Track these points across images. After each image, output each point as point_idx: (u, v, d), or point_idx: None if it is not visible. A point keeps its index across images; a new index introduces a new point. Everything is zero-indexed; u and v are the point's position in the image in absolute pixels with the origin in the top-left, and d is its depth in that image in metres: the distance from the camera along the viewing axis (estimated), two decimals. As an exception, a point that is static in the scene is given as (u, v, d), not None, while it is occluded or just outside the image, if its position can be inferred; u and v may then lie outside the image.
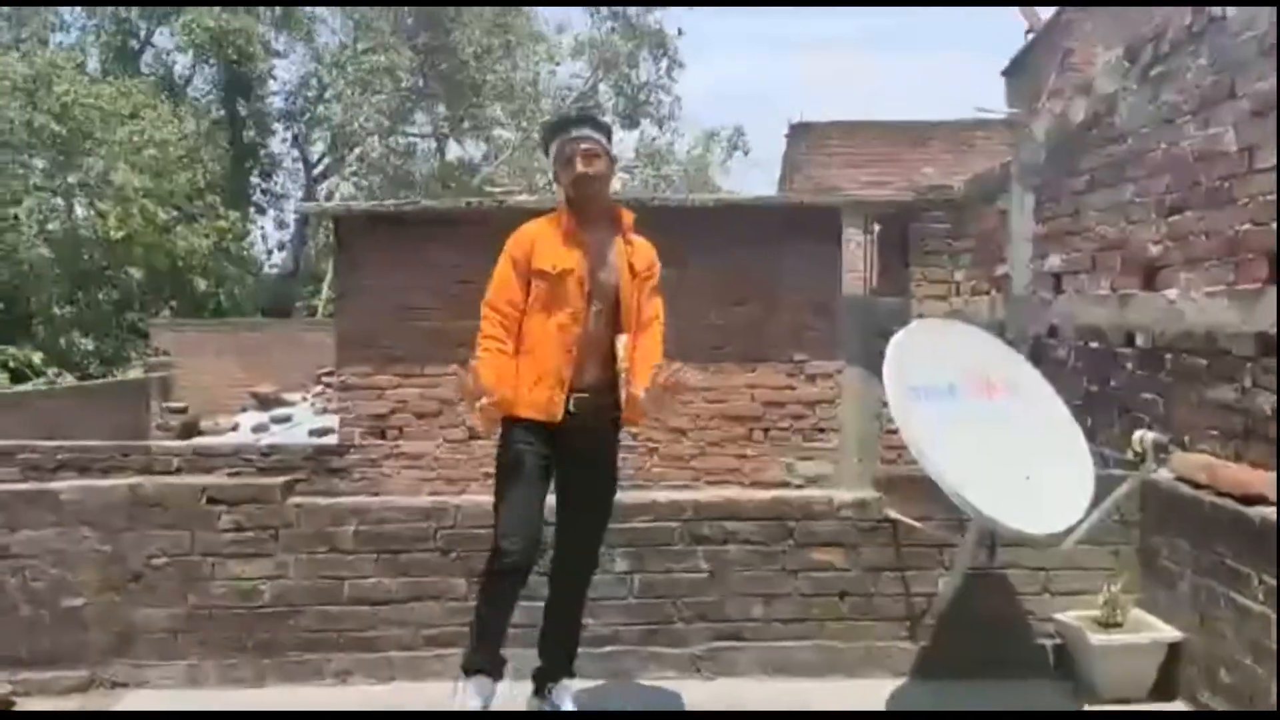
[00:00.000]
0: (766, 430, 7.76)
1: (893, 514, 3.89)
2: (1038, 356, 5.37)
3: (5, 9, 21.87)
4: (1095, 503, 3.53)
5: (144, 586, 3.90)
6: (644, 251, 3.30)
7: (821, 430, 7.70)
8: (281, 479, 4.14)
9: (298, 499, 4.01)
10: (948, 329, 4.19)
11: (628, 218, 3.29)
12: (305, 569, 3.90)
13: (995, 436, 3.48)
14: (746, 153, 29.69)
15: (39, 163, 20.24)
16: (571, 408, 3.12)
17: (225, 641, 3.89)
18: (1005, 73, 15.39)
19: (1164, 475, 3.76)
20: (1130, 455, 3.62)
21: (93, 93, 19.77)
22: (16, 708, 3.77)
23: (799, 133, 13.30)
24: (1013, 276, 5.75)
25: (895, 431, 4.17)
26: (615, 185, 3.62)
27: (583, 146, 3.16)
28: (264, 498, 3.94)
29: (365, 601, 3.91)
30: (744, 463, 7.60)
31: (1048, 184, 5.40)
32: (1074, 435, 3.67)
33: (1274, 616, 3.03)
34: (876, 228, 7.82)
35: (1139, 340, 4.28)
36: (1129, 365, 4.38)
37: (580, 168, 3.15)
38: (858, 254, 8.64)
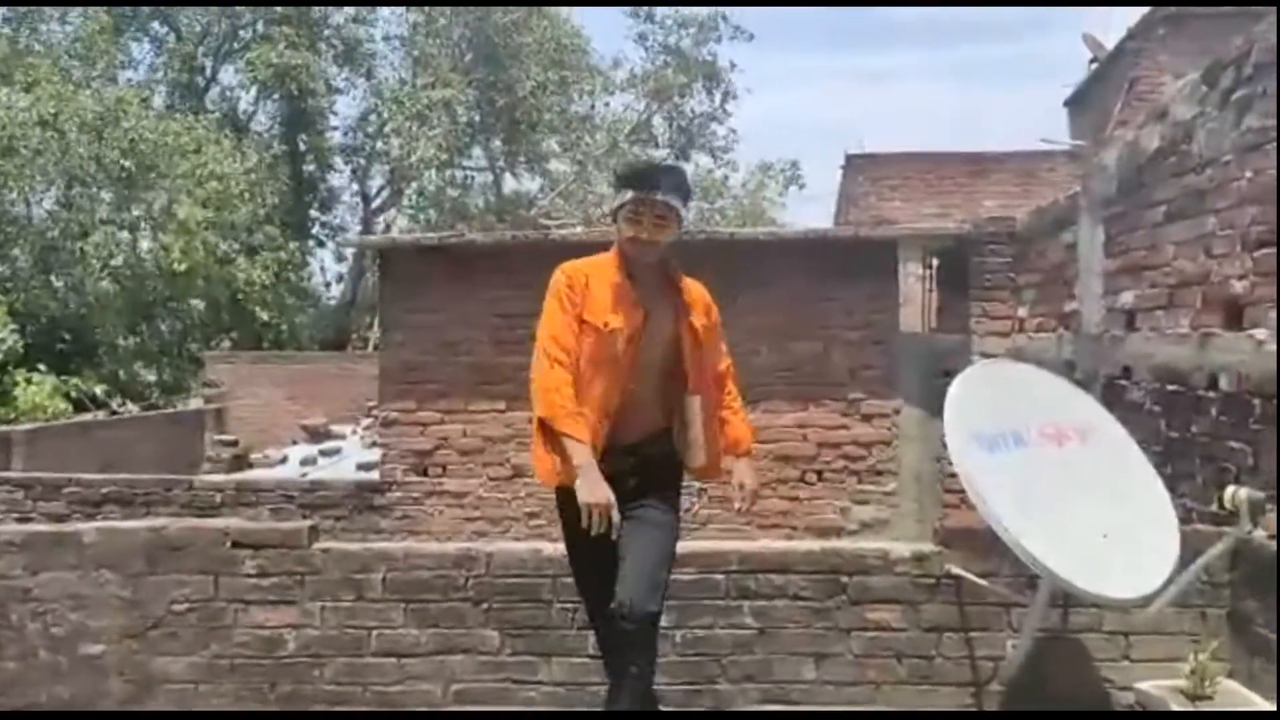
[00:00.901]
0: (820, 472, 7.47)
1: (955, 570, 3.61)
2: (1111, 399, 5.05)
3: (77, 48, 22.48)
4: (1181, 562, 3.22)
5: (165, 634, 3.75)
6: (701, 303, 3.03)
7: (879, 473, 7.39)
8: (307, 523, 3.98)
9: (325, 544, 3.85)
10: (1012, 370, 3.91)
11: (688, 285, 3.04)
12: (332, 618, 3.73)
13: (1067, 488, 3.20)
14: (802, 186, 29.40)
15: (106, 196, 20.69)
16: (614, 468, 2.78)
17: (247, 693, 3.72)
18: (1068, 103, 15.00)
19: (1257, 533, 3.43)
20: (1219, 509, 3.31)
21: (158, 128, 20.20)
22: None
23: (856, 165, 13.07)
24: (1083, 313, 5.44)
25: (956, 475, 3.90)
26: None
27: (657, 213, 2.87)
28: (290, 542, 3.78)
29: (393, 653, 3.72)
30: (796, 506, 7.32)
31: (1120, 216, 5.10)
32: (1154, 487, 3.37)
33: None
34: (935, 262, 7.54)
35: (1223, 383, 3.96)
36: (1213, 410, 4.05)
37: (647, 234, 2.87)
38: (916, 288, 8.36)
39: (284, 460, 11.26)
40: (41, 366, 16.32)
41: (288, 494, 7.26)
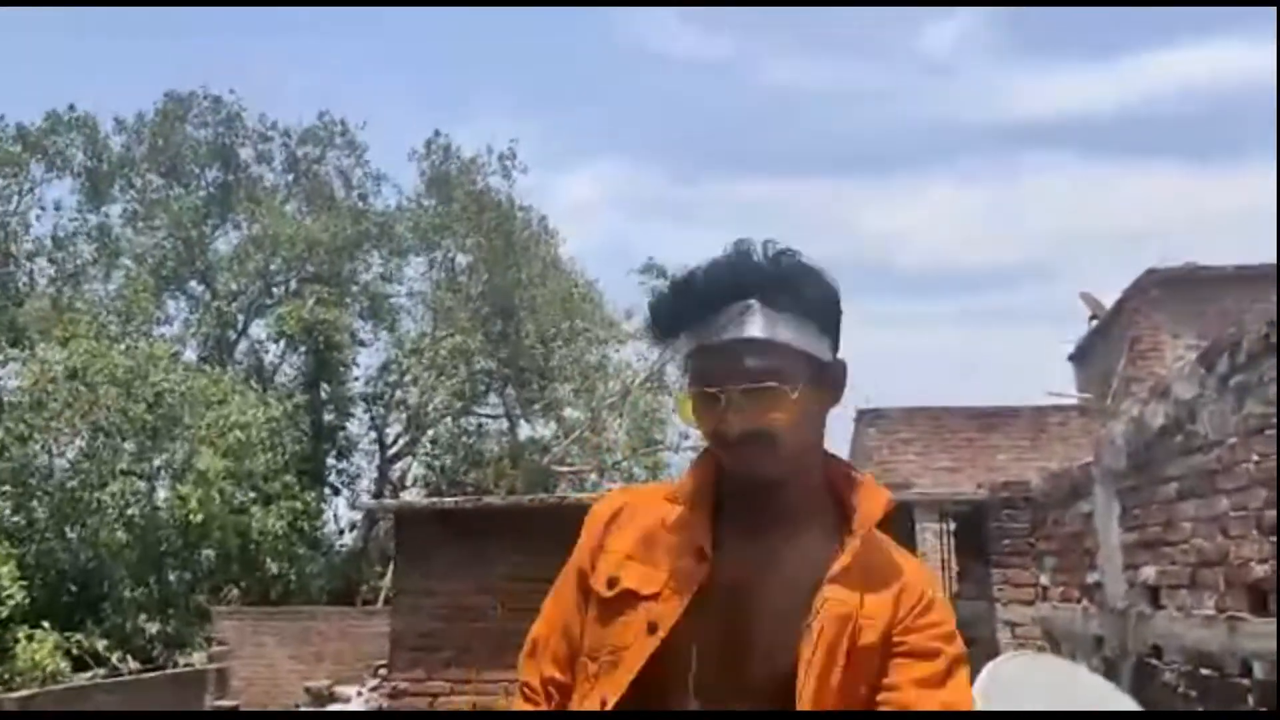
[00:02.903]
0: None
1: None
2: (1142, 679, 4.90)
3: (117, 305, 23.57)
4: None
5: None
6: (906, 597, 1.35)
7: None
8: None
9: (401, 711, 3.66)
10: (1041, 666, 3.82)
11: (873, 504, 1.37)
12: None
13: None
14: (818, 441, 29.71)
15: (129, 447, 21.07)
16: None
17: None
18: (1072, 358, 15.41)
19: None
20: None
21: (186, 381, 20.85)
22: None
23: (866, 419, 13.28)
24: (1105, 586, 5.37)
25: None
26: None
27: (744, 371, 1.29)
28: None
29: None
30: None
31: (1133, 490, 5.14)
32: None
33: None
34: (952, 525, 7.52)
35: (1258, 671, 3.86)
36: (1248, 698, 3.92)
37: (734, 425, 1.30)
38: (934, 544, 8.30)
39: (285, 728, 10.84)
40: (45, 623, 16.06)
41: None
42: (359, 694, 12.47)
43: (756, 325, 1.29)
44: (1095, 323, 14.30)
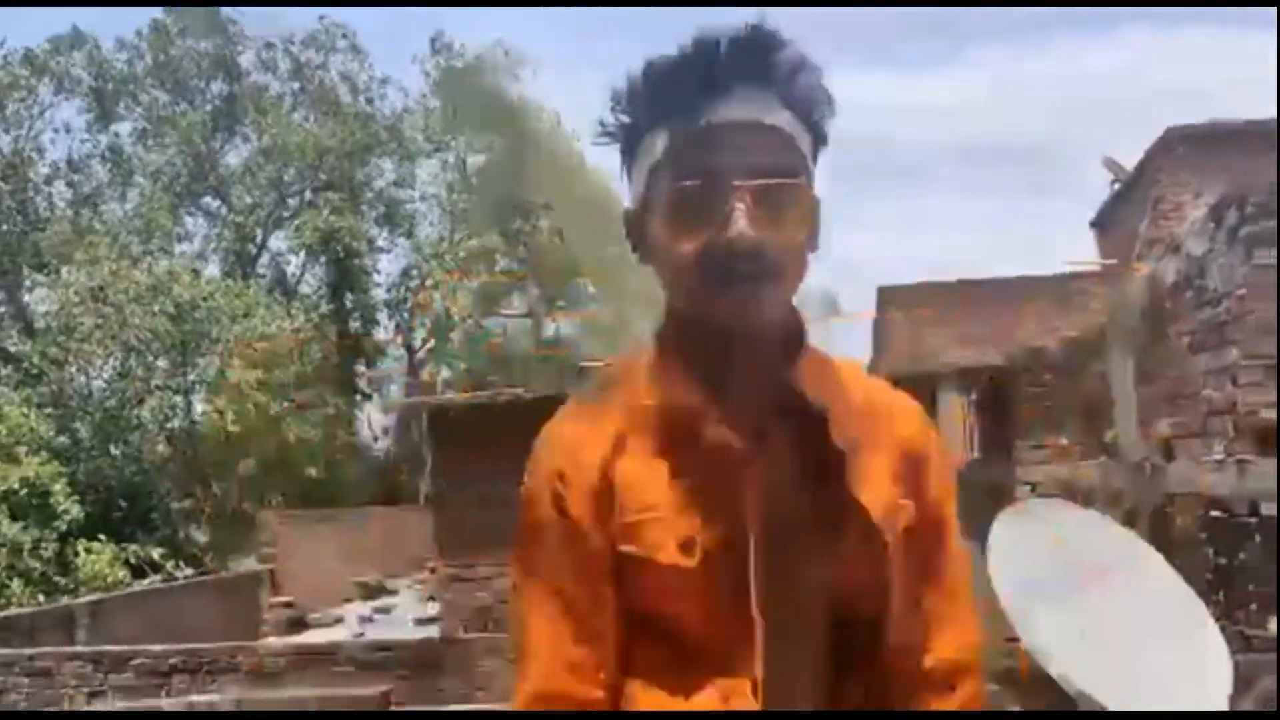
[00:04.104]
0: (875, 607, 7.46)
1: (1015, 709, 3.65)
2: (1158, 528, 5.11)
3: (136, 224, 23.74)
4: (1238, 689, 3.26)
5: (246, 808, 3.87)
6: (912, 435, 1.15)
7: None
8: (378, 689, 4.12)
9: (398, 709, 3.98)
10: (1051, 510, 4.03)
11: (856, 388, 1.15)
12: (405, 786, 3.83)
13: (1117, 628, 3.28)
14: (838, 313, 29.83)
15: (161, 363, 21.51)
16: None
17: None
18: (1094, 224, 15.32)
19: (1312, 661, 3.47)
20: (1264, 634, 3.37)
21: (209, 295, 21.14)
22: None
23: (888, 296, 13.37)
24: (1122, 442, 5.55)
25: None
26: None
27: (748, 183, 0.99)
28: (366, 708, 3.92)
29: (465, 820, 3.80)
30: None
31: (1147, 347, 5.27)
32: (1204, 620, 3.44)
33: None
34: (974, 394, 7.69)
35: (1264, 509, 4.05)
36: (1257, 536, 4.12)
37: (741, 233, 0.98)
38: (956, 417, 8.49)
39: (340, 620, 11.37)
40: (101, 536, 16.73)
41: (350, 656, 7.36)
42: (408, 587, 13.01)
43: (771, 112, 1.00)
44: (1117, 186, 14.19)
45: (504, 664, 7.41)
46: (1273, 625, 3.33)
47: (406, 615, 10.74)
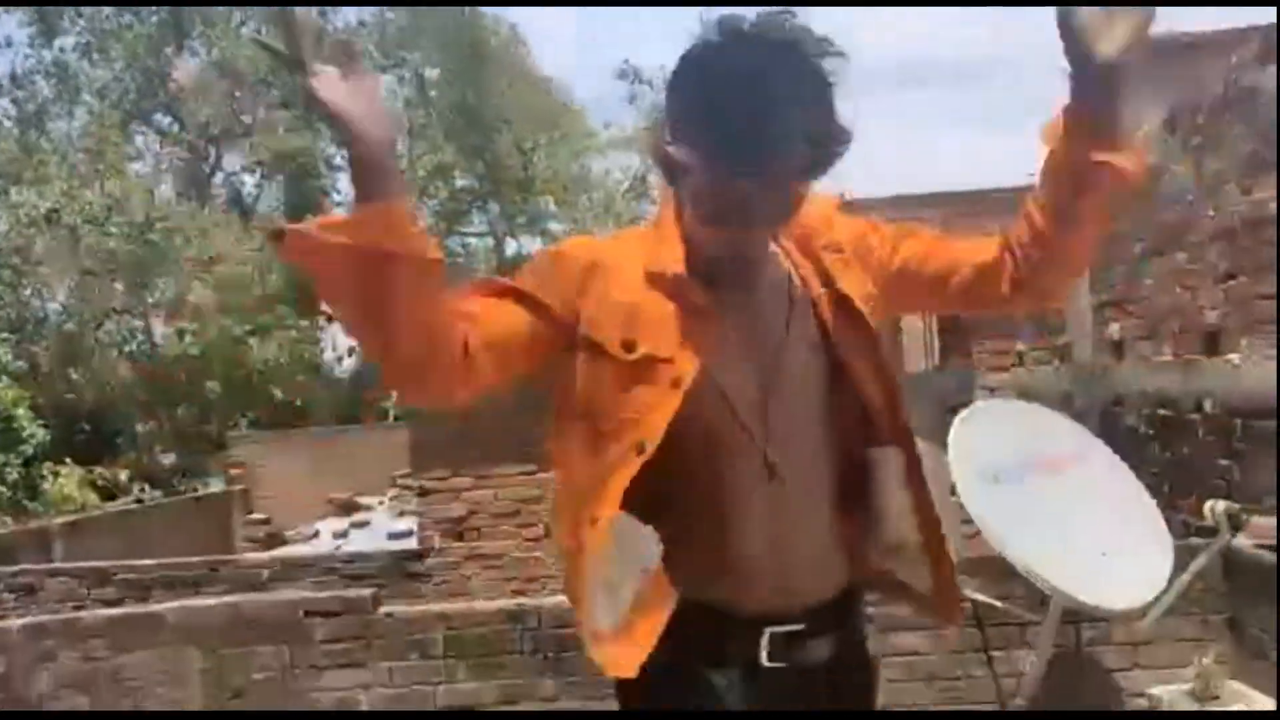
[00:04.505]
0: (839, 510, 7.76)
1: (974, 595, 3.90)
2: (1107, 426, 5.37)
3: (85, 142, 23.14)
4: (1177, 574, 3.52)
5: (247, 702, 4.05)
6: (838, 241, 1.47)
7: (894, 507, 7.68)
8: (370, 590, 4.30)
9: (387, 608, 4.16)
10: (1008, 408, 4.25)
11: (816, 217, 1.46)
12: (400, 676, 4.03)
13: (1067, 513, 3.51)
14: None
15: (119, 286, 21.23)
16: (767, 658, 1.34)
17: (326, 753, 4.01)
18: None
19: (1245, 542, 3.74)
20: (1206, 524, 3.63)
21: (164, 214, 20.80)
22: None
23: (848, 210, 13.49)
24: (1075, 347, 5.78)
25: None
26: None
27: (771, 197, 1.29)
28: (356, 608, 4.10)
29: (458, 706, 4.01)
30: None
31: (1101, 254, 5.46)
32: (1148, 506, 3.68)
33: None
34: (934, 302, 7.90)
35: (1207, 406, 4.29)
36: (1200, 432, 4.38)
37: (754, 215, 1.30)
38: (917, 326, 8.72)
39: (316, 535, 11.55)
40: (68, 459, 16.70)
41: (329, 567, 7.54)
42: (381, 503, 13.19)
43: (783, 160, 1.23)
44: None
45: (482, 570, 7.65)
46: (1209, 507, 3.58)
47: (381, 529, 10.94)
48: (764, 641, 1.33)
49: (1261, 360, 3.80)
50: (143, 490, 17.69)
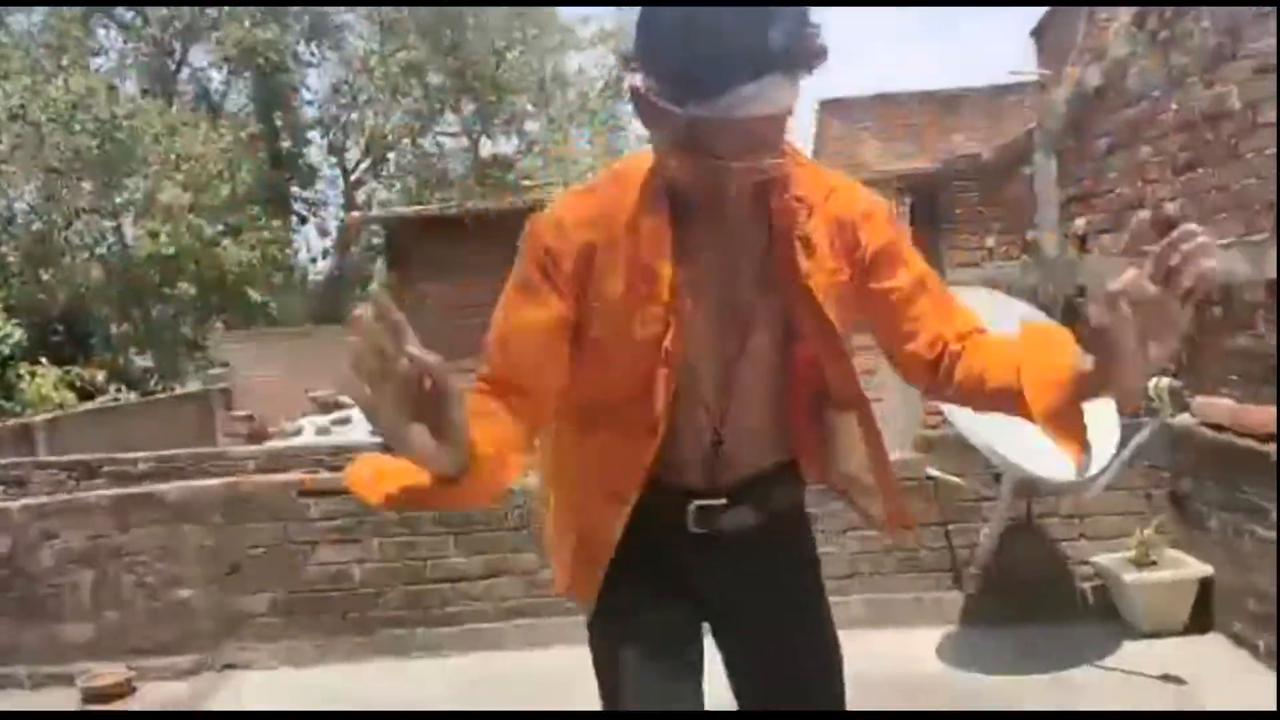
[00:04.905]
0: (813, 404, 8.01)
1: (933, 472, 4.13)
2: (1070, 316, 5.57)
3: (47, 37, 22.49)
4: (1123, 449, 3.75)
5: (245, 576, 4.26)
6: (851, 218, 1.48)
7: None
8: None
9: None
10: (971, 296, 4.40)
11: (812, 188, 1.46)
12: (391, 551, 4.24)
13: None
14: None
15: (87, 185, 20.91)
16: (694, 523, 1.54)
17: (321, 623, 4.24)
18: (1033, 34, 15.36)
19: (1189, 420, 3.97)
20: (1151, 402, 3.84)
21: (130, 112, 20.39)
22: (135, 692, 4.15)
23: (829, 109, 13.46)
24: (1042, 240, 5.94)
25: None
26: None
27: (748, 136, 1.26)
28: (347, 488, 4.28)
29: (447, 580, 4.23)
30: (791, 436, 7.85)
31: (1070, 149, 5.58)
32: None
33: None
34: (908, 200, 8.00)
35: (1162, 294, 4.47)
36: (1154, 319, 4.57)
37: (729, 191, 1.34)
38: (891, 226, 8.84)
39: (299, 432, 11.70)
40: (43, 359, 16.71)
41: (317, 458, 7.71)
42: (360, 400, 13.33)
43: (775, 99, 1.21)
44: (1055, -3, 14.17)
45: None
46: (1153, 385, 3.80)
47: (363, 426, 11.12)
48: (690, 510, 1.53)
49: (1216, 249, 3.97)
50: (119, 391, 17.76)
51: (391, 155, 27.19)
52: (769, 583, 1.60)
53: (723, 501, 1.54)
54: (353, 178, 28.14)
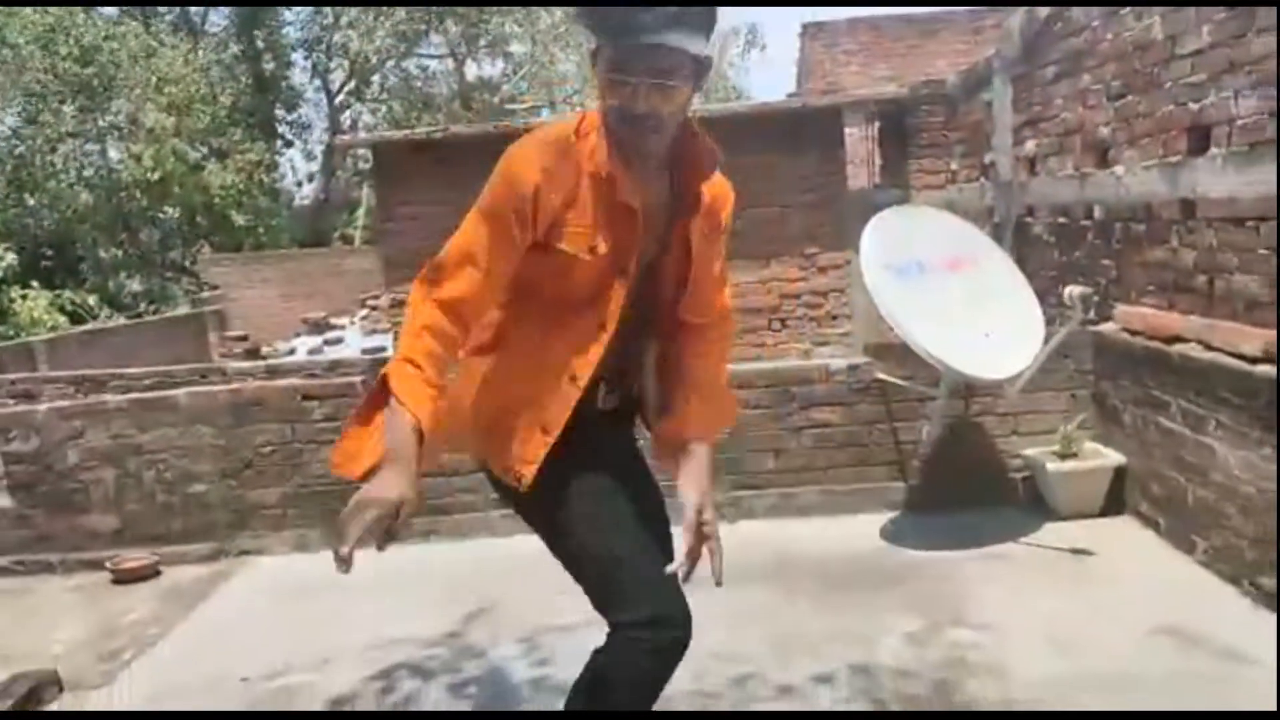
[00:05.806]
0: (784, 320, 8.41)
1: (881, 375, 4.55)
2: (1020, 235, 5.95)
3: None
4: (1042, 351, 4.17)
5: (256, 472, 4.67)
6: (720, 204, 2.00)
7: (835, 317, 8.35)
8: (359, 378, 4.87)
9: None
10: (918, 214, 4.79)
11: (709, 157, 1.91)
12: (388, 450, 4.64)
13: (959, 303, 4.11)
14: (763, 48, 29.64)
15: (68, 109, 20.87)
16: (603, 401, 1.97)
17: (326, 513, 4.66)
18: (1011, -43, 15.45)
19: (1112, 327, 4.39)
20: (1066, 308, 4.25)
21: (111, 33, 20.28)
22: (161, 575, 4.58)
23: (812, 32, 13.62)
24: (998, 164, 6.28)
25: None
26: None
27: (656, 69, 1.69)
28: (348, 392, 4.67)
29: (441, 473, 4.65)
30: (764, 351, 8.26)
31: (1023, 76, 5.90)
32: (1028, 298, 4.29)
33: (1190, 437, 3.68)
34: (878, 124, 8.31)
35: (1096, 213, 4.85)
36: (1089, 236, 4.95)
37: (642, 107, 1.72)
38: (862, 148, 9.16)
39: (292, 351, 12.07)
40: (34, 283, 16.93)
41: (312, 373, 8.10)
42: (351, 322, 13.69)
43: (674, 35, 1.67)
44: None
45: (452, 374, 8.26)
46: (1067, 293, 4.20)
47: (355, 345, 11.48)
48: (600, 391, 1.96)
49: (1140, 171, 4.34)
50: (110, 316, 18.02)
51: (376, 78, 27.02)
52: (632, 444, 2.15)
53: (616, 389, 2.00)
54: (337, 100, 28.00)
